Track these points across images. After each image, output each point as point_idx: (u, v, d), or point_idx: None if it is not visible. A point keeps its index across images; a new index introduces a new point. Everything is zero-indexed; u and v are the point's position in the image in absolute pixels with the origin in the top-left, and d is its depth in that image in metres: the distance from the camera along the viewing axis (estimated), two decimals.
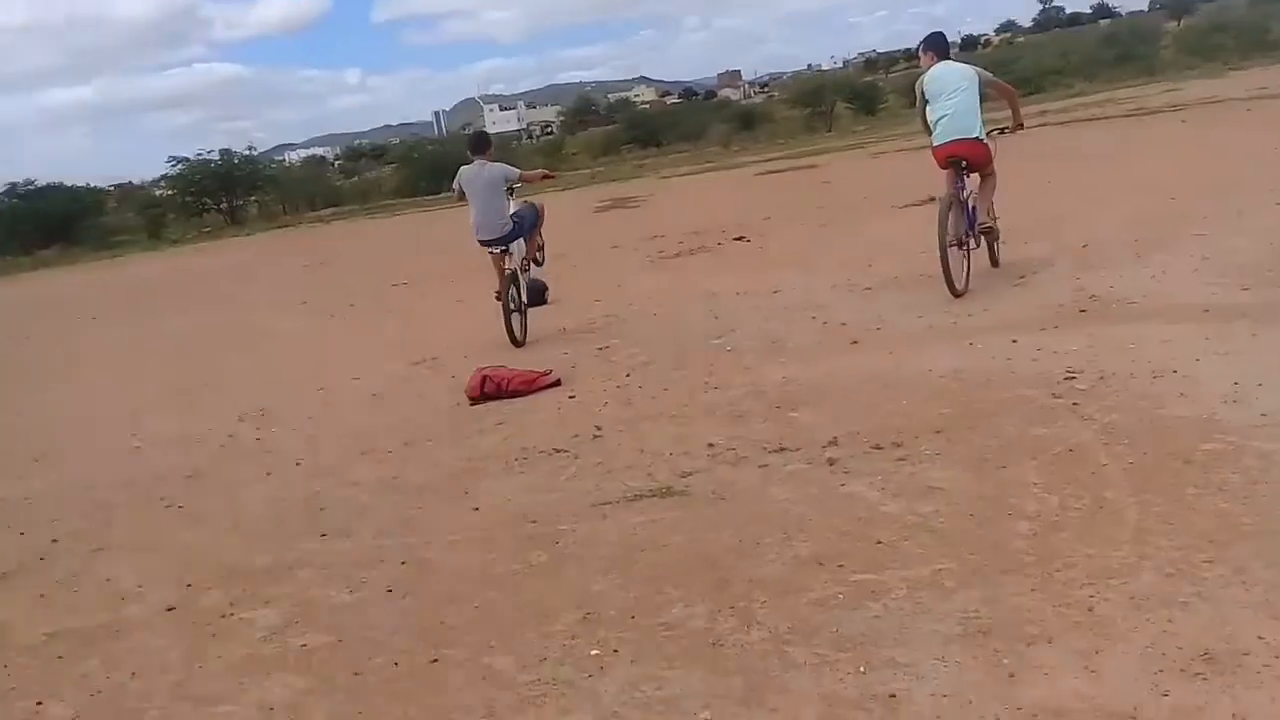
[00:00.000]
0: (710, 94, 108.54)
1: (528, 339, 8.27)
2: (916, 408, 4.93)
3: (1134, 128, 19.53)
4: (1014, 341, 5.82)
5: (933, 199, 13.10)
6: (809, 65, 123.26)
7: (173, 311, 14.46)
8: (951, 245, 7.27)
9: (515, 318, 8.26)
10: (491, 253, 8.53)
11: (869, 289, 8.22)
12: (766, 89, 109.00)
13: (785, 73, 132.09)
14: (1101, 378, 4.91)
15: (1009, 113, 7.93)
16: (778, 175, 22.14)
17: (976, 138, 7.50)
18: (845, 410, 5.10)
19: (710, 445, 4.87)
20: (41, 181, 40.91)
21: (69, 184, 42.28)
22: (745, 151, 35.64)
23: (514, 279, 8.38)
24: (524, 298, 8.49)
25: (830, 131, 42.09)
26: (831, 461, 4.37)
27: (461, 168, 8.80)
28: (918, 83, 7.93)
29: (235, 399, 7.80)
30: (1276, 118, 16.97)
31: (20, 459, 6.78)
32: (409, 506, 4.71)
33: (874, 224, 12.14)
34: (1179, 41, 51.96)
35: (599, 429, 5.46)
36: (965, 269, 7.43)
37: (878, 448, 4.45)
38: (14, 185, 40.26)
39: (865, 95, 51.86)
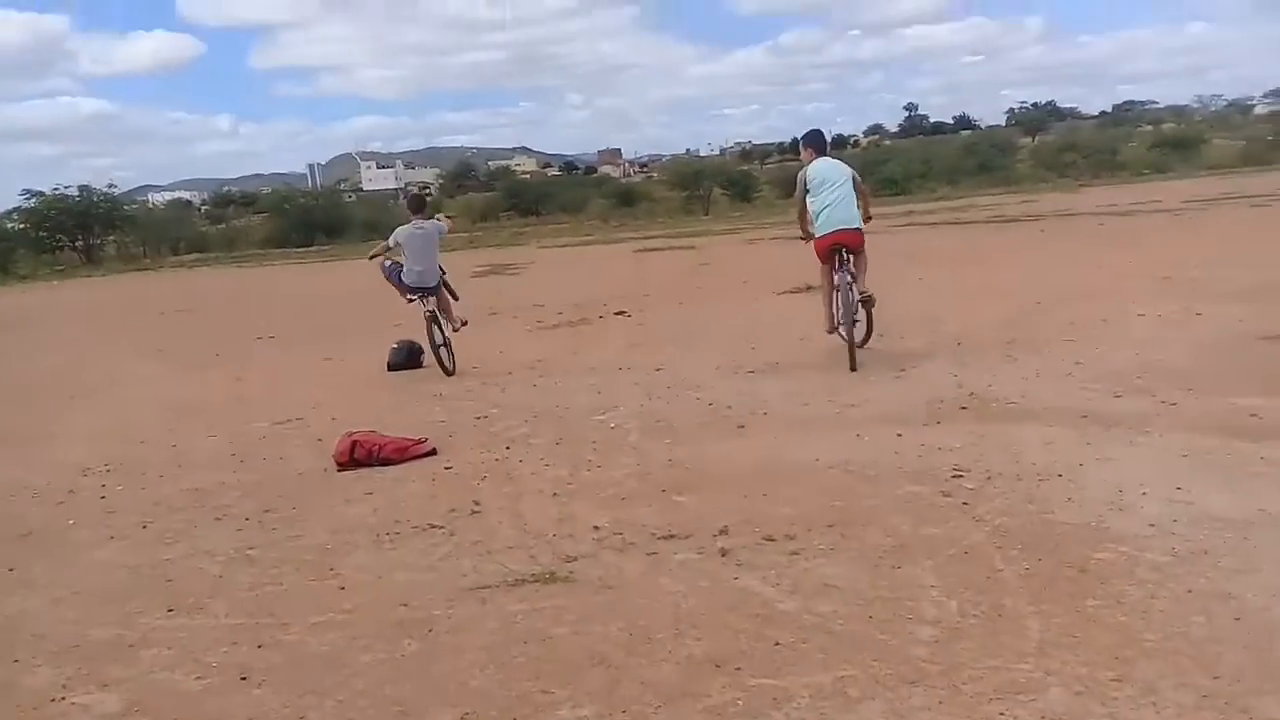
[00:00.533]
0: (591, 169, 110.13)
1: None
2: (807, 499, 4.85)
3: (996, 234, 20.48)
4: (899, 435, 5.84)
5: (810, 287, 13.43)
6: (687, 150, 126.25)
7: (15, 352, 13.52)
8: (841, 325, 8.04)
9: (443, 351, 9.20)
10: (414, 299, 9.52)
11: (752, 372, 8.21)
12: (646, 169, 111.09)
13: (664, 154, 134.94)
14: (989, 477, 4.93)
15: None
16: (657, 253, 22.34)
17: (857, 227, 8.17)
18: (734, 498, 4.98)
19: (596, 528, 4.67)
20: None
21: None
22: (625, 228, 36.03)
23: (434, 319, 9.30)
24: (446, 333, 9.35)
25: (708, 215, 42.98)
26: (724, 552, 4.22)
27: (399, 227, 9.72)
28: (801, 174, 8.47)
29: (79, 451, 7.25)
30: (1126, 233, 18.05)
31: None
32: (267, 582, 4.34)
33: (754, 307, 12.26)
34: (1034, 156, 55.43)
35: (477, 504, 5.20)
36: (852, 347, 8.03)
37: (769, 539, 4.32)
38: None
39: (741, 183, 53.37)
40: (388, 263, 9.73)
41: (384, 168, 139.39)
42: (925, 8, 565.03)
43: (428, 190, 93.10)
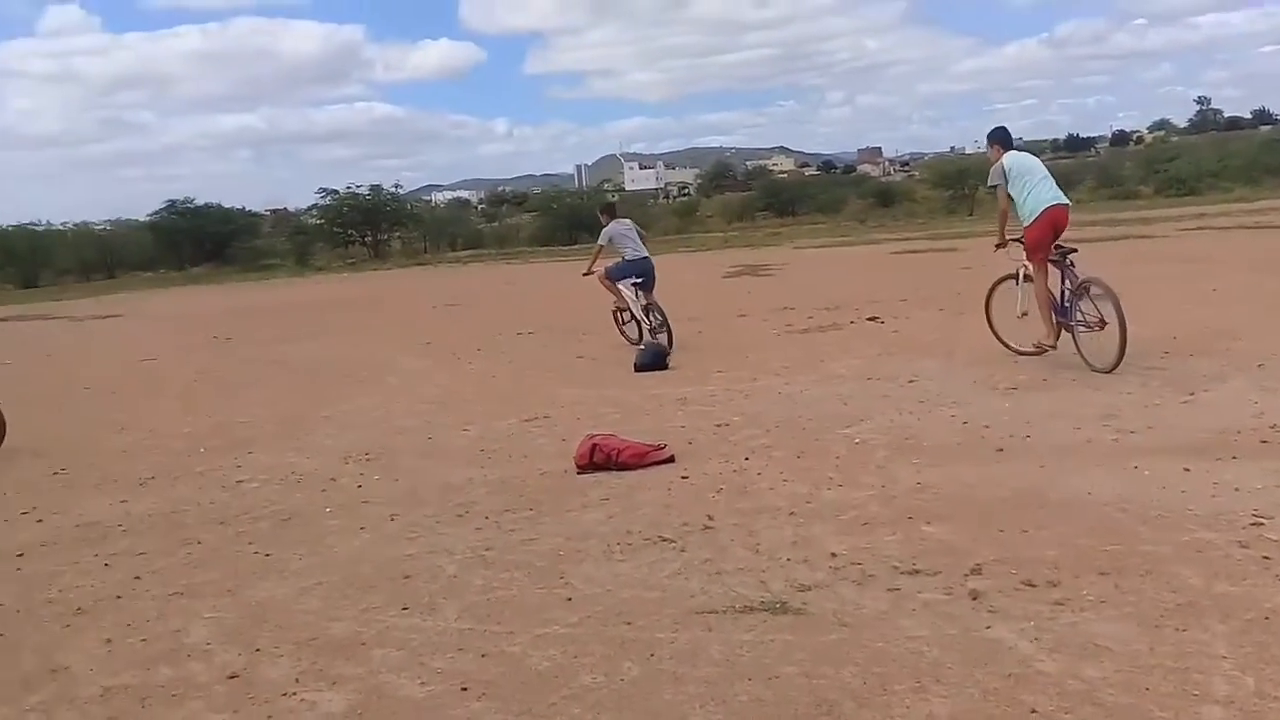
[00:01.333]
0: (850, 168, 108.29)
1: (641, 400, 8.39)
2: (1075, 539, 4.34)
3: None
4: (1186, 470, 5.17)
5: None
6: (951, 148, 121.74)
7: (303, 338, 14.62)
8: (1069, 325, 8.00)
9: (665, 331, 10.57)
10: (631, 285, 10.92)
11: (1014, 389, 7.60)
12: (907, 168, 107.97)
13: (927, 153, 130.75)
14: None
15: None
16: (915, 255, 21.47)
17: (1068, 204, 8.16)
18: (989, 531, 4.54)
19: (833, 555, 4.38)
20: (200, 201, 42.82)
21: (226, 206, 44.21)
22: (882, 229, 34.99)
23: (651, 307, 10.77)
24: (664, 315, 10.69)
25: (972, 215, 41.03)
26: (974, 595, 3.83)
27: (606, 229, 11.22)
28: (997, 165, 8.35)
29: (344, 437, 7.64)
30: None
31: (128, 482, 6.68)
32: (499, 585, 4.34)
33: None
34: None
35: (710, 519, 5.02)
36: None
37: (1029, 584, 3.88)
38: (174, 202, 42.24)
39: None
40: (608, 265, 11.16)
41: (646, 168, 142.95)
42: None
43: (686, 190, 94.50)
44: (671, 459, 6.24)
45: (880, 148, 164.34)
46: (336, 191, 42.90)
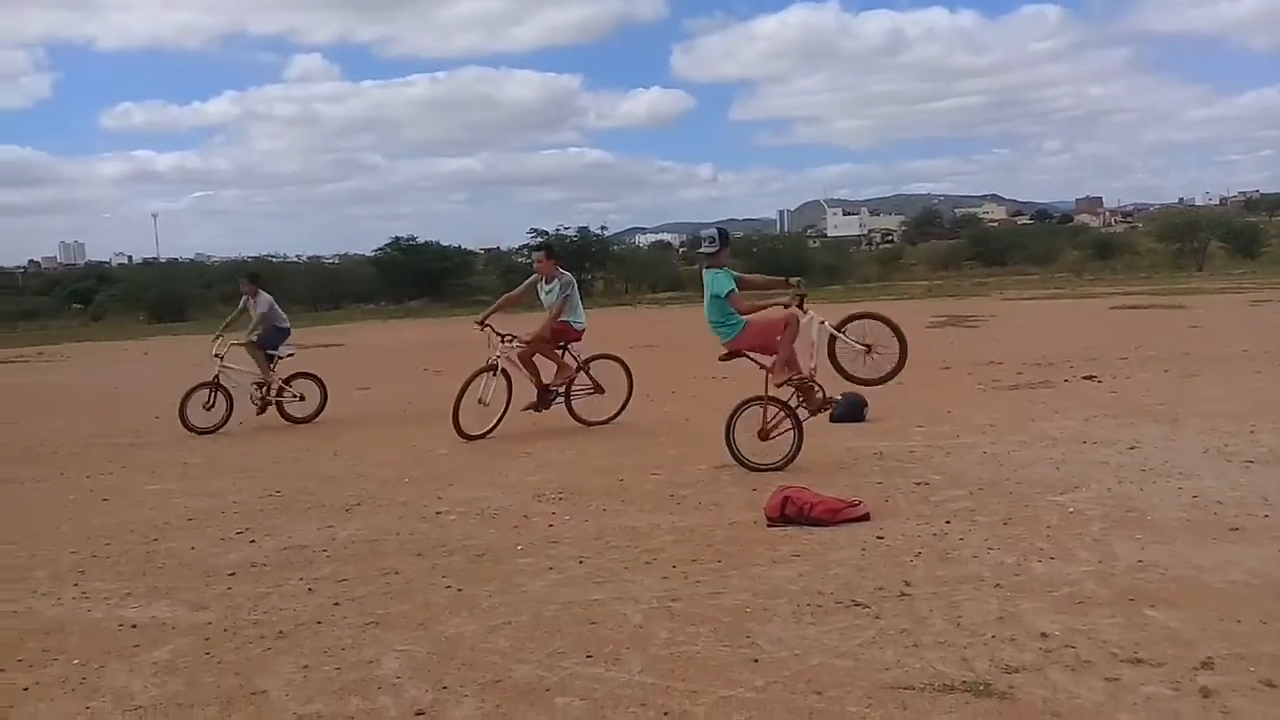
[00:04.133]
0: (1066, 218, 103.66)
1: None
2: None
3: None
4: None
5: None
6: (1180, 199, 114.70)
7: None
8: None
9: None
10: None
11: (1251, 462, 6.95)
12: (1129, 218, 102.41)
13: (1152, 204, 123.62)
14: None
15: None
16: (1137, 311, 20.20)
17: None
18: (1223, 620, 4.10)
19: (1044, 635, 4.05)
20: (420, 239, 45.29)
21: (444, 244, 46.58)
22: (1100, 282, 33.21)
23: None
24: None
25: (1201, 270, 38.39)
26: (1205, 693, 3.44)
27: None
28: None
29: (539, 475, 7.75)
30: None
31: (335, 508, 6.98)
32: (683, 639, 4.23)
33: (1254, 382, 10.54)
34: None
35: (908, 585, 4.76)
36: None
37: (1270, 684, 3.47)
38: (397, 239, 44.86)
39: (1245, 235, 47.09)
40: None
41: (850, 214, 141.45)
42: None
43: (890, 237, 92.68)
44: (867, 517, 6.00)
45: (1100, 197, 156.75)
46: (546, 232, 44.50)
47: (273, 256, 47.40)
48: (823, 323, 7.72)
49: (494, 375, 9.57)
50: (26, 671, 4.22)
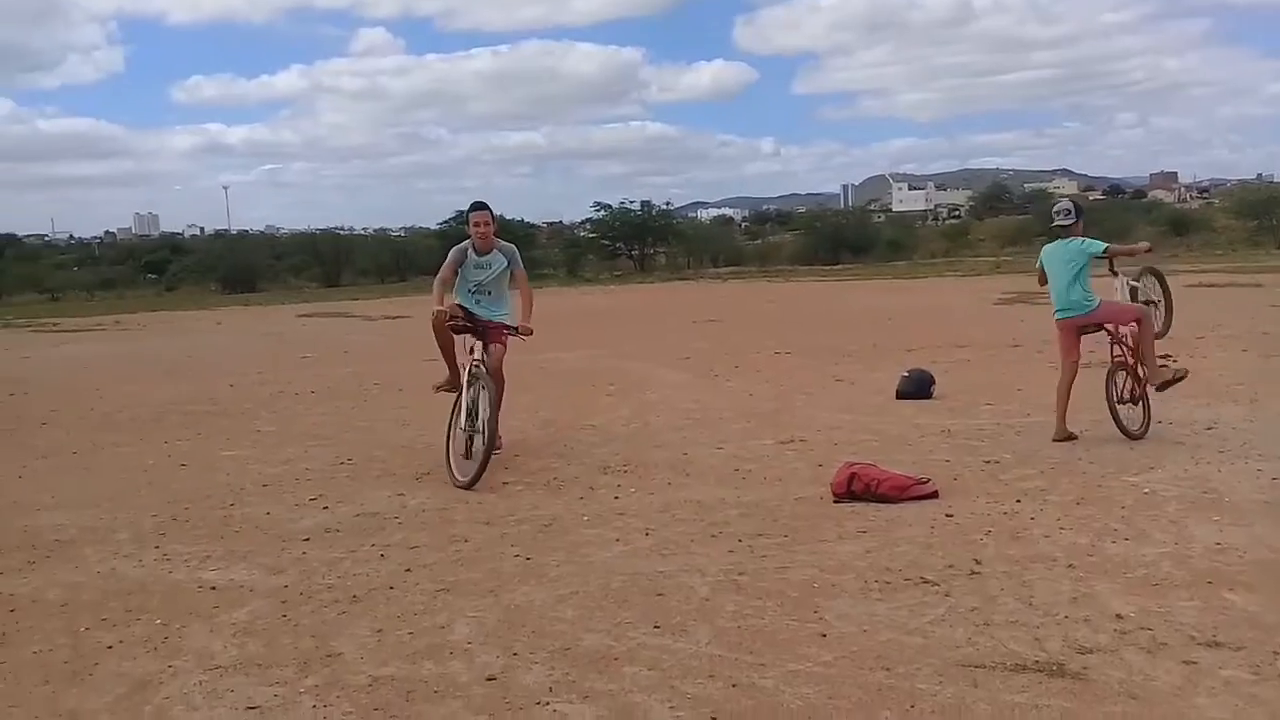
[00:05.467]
0: (1140, 194, 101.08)
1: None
2: None
3: None
4: None
5: None
6: (1258, 175, 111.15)
7: (569, 347, 15.12)
8: None
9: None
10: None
11: None
12: (1206, 194, 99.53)
13: (1229, 179, 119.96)
14: None
15: None
16: (1213, 289, 19.62)
17: None
18: None
19: (1118, 617, 3.99)
20: None
21: (508, 218, 46.76)
22: (1175, 259, 32.27)
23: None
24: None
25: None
26: None
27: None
28: None
29: (604, 448, 7.79)
30: None
31: (405, 476, 7.08)
32: (750, 613, 4.24)
33: None
34: None
35: (978, 564, 4.71)
36: None
37: None
38: (461, 212, 45.01)
39: None
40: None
41: (915, 189, 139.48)
42: None
43: (957, 211, 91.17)
44: (935, 494, 5.94)
45: (1176, 172, 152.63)
46: (610, 206, 44.49)
47: (340, 229, 48.09)
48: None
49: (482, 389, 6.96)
50: (110, 630, 4.36)
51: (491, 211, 7.69)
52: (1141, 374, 7.51)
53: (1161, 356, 10.97)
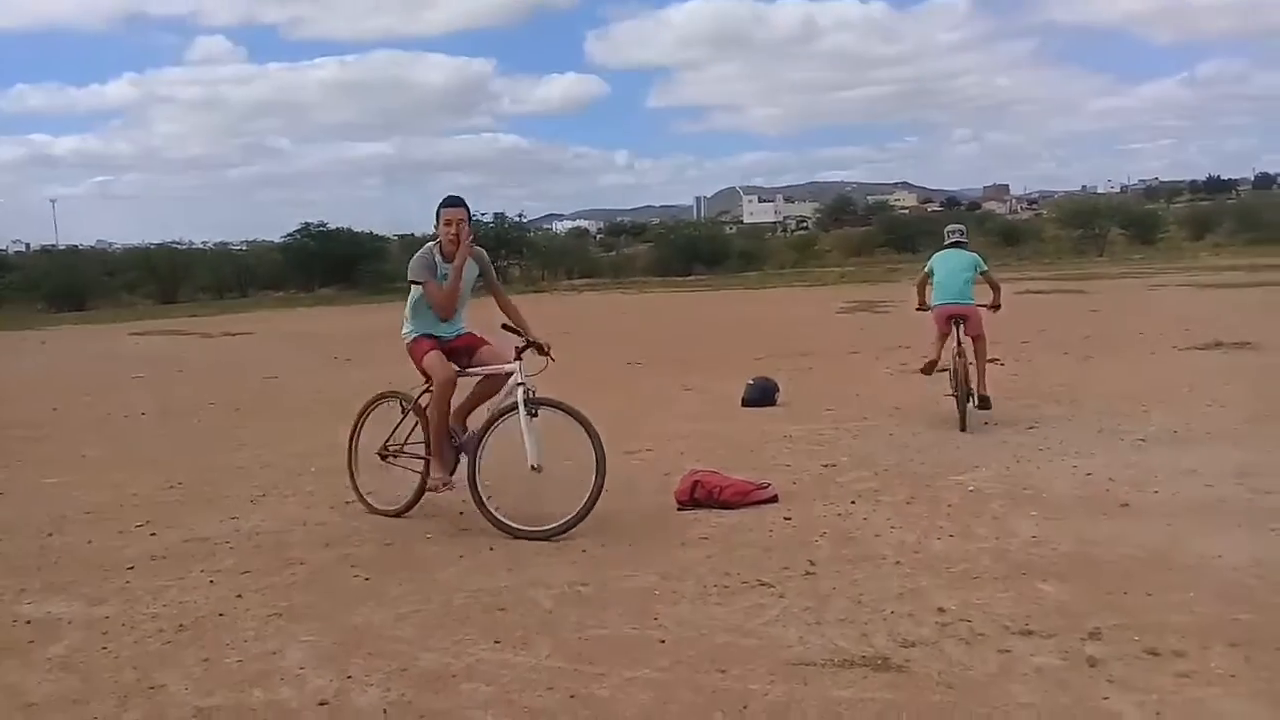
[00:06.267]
0: (974, 205, 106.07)
1: None
2: (1203, 605, 4.06)
3: None
4: None
5: (1220, 344, 11.81)
6: (1083, 186, 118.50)
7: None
8: None
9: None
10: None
11: (1143, 440, 7.24)
12: (1035, 206, 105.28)
13: (1056, 191, 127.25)
14: None
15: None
16: (1040, 297, 20.77)
17: None
18: (1110, 593, 4.28)
19: (941, 610, 4.18)
20: (332, 225, 44.27)
21: (356, 230, 45.58)
22: (1006, 268, 33.93)
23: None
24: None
25: (1102, 256, 39.68)
26: (1092, 662, 3.59)
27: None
28: None
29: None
30: None
31: (240, 499, 6.83)
32: (593, 623, 4.26)
33: (1149, 364, 10.97)
34: None
35: (812, 565, 4.86)
36: None
37: (1153, 653, 3.63)
38: (307, 225, 43.70)
39: (1144, 223, 48.73)
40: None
41: (765, 201, 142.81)
42: None
43: (805, 224, 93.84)
44: (775, 499, 6.10)
45: (1008, 185, 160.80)
46: None
47: (177, 243, 45.97)
48: None
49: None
50: None
51: (469, 209, 6.21)
52: (971, 379, 8.00)
53: (990, 360, 11.59)
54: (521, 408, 5.80)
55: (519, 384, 5.90)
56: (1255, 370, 10.13)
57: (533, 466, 5.72)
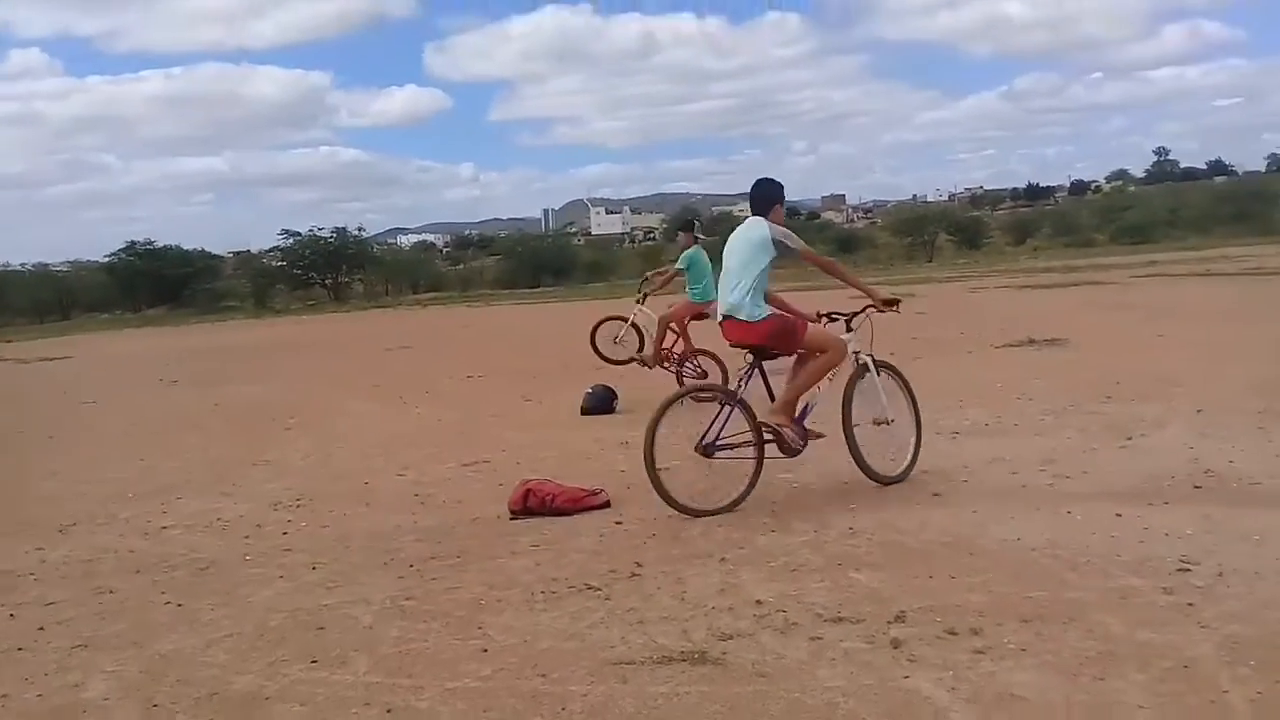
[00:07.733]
0: (813, 215, 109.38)
1: None
2: (1001, 585, 4.29)
3: (1252, 287, 18.59)
4: (1118, 515, 5.15)
5: (1033, 340, 12.52)
6: (914, 195, 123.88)
7: (250, 380, 14.39)
8: None
9: None
10: None
11: (957, 433, 7.60)
12: (870, 215, 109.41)
13: (890, 201, 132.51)
14: (1220, 574, 4.22)
15: None
16: None
17: None
18: (918, 578, 4.47)
19: (758, 603, 4.29)
20: (160, 243, 42.35)
21: (187, 248, 43.72)
22: None
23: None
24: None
25: (931, 261, 41.56)
26: (896, 644, 3.74)
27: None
28: None
29: (278, 483, 7.47)
30: None
31: (46, 528, 6.47)
32: (414, 637, 4.20)
33: (967, 361, 11.54)
34: None
35: (639, 566, 4.91)
36: None
37: (951, 632, 3.81)
38: (133, 244, 41.77)
39: (969, 229, 51.34)
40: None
41: (612, 213, 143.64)
42: (1173, 50, 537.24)
43: (652, 234, 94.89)
44: (607, 504, 6.14)
45: (844, 195, 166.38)
46: (299, 234, 42.61)
47: None
48: None
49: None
50: None
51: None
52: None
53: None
54: (873, 369, 6.66)
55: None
56: (1062, 365, 10.77)
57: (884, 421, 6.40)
